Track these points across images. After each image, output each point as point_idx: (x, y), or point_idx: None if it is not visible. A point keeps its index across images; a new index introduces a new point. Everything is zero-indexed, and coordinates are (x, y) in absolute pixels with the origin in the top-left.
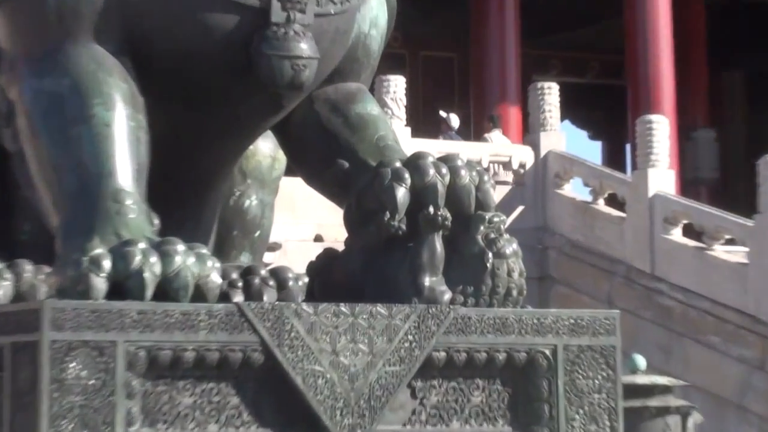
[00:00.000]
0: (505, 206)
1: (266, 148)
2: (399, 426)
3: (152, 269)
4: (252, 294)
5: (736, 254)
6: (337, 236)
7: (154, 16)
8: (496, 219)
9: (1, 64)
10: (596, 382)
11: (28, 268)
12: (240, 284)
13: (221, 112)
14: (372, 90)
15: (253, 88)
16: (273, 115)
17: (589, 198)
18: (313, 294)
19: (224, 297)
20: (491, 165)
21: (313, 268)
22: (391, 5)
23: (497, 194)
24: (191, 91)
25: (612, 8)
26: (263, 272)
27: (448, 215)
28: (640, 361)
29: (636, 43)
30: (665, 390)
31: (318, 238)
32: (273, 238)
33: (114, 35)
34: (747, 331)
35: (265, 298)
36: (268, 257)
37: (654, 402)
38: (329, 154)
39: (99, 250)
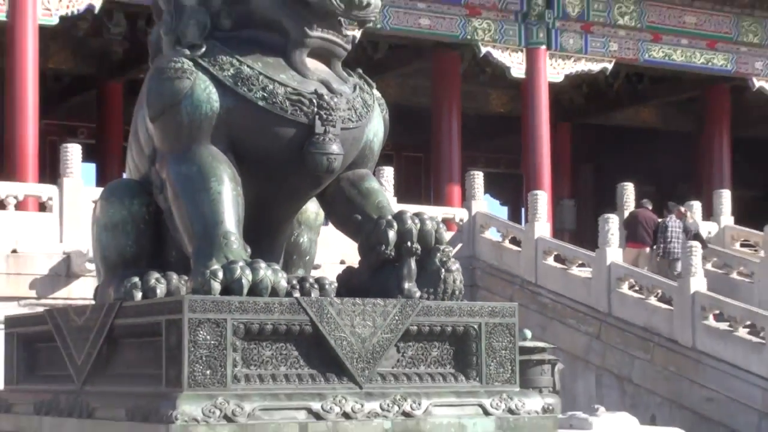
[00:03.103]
0: (452, 243)
1: (313, 206)
2: (389, 368)
3: (247, 278)
4: (305, 292)
5: (585, 272)
6: (354, 260)
7: (246, 130)
8: (446, 249)
9: (157, 157)
10: (503, 344)
11: (174, 277)
12: (297, 287)
13: (286, 186)
14: (374, 174)
15: (305, 172)
16: (316, 188)
17: (500, 239)
18: (340, 293)
19: (289, 294)
20: (443, 218)
21: (339, 278)
22: (386, 124)
23: (447, 235)
24: (268, 174)
25: (516, 127)
26: (311, 280)
27: (419, 247)
28: (527, 333)
29: (528, 149)
30: (542, 350)
31: (342, 261)
32: (316, 261)
33: (222, 140)
34: (590, 317)
35: (312, 295)
36: (314, 272)
37: (535, 357)
38: (349, 211)
39: (215, 267)
